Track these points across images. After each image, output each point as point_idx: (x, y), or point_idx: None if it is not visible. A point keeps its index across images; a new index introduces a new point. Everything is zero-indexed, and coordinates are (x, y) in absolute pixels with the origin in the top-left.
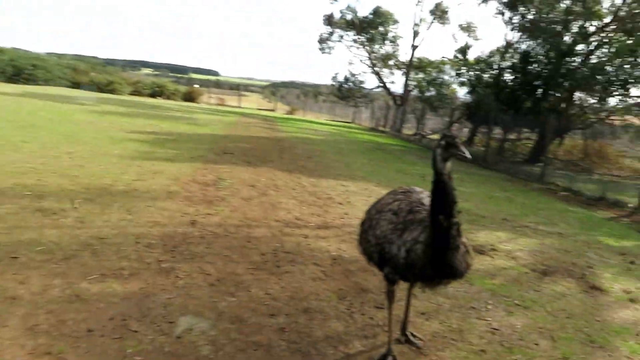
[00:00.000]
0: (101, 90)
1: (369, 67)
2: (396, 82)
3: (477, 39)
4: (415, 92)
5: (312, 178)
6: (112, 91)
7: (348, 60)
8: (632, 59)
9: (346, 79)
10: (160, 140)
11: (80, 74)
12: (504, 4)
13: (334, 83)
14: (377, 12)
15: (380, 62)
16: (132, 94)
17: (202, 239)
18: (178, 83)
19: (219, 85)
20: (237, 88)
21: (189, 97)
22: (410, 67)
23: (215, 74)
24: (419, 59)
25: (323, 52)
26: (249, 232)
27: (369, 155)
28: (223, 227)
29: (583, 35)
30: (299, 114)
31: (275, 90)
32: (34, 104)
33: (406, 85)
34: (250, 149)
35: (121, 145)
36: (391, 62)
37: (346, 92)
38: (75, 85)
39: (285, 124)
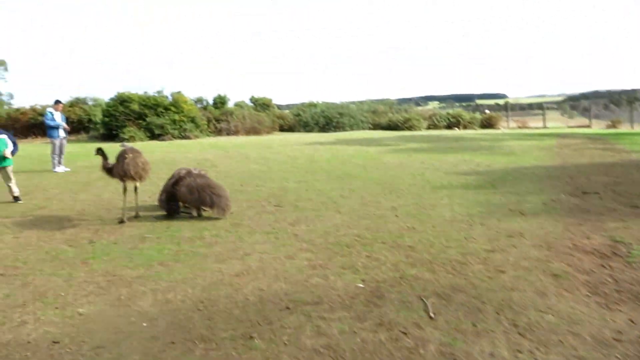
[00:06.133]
0: (399, 128)
1: None
2: None
3: None
4: None
5: None
6: (409, 128)
7: None
8: None
9: None
10: (487, 180)
11: (379, 116)
12: None
13: None
14: None
15: None
16: (429, 127)
17: None
18: (469, 111)
19: (509, 107)
20: (530, 107)
21: (487, 124)
22: None
23: (503, 96)
24: None
25: None
26: None
27: None
28: None
29: None
30: (623, 127)
31: (575, 104)
32: (344, 150)
33: None
34: (617, 184)
35: (444, 192)
36: None
37: None
38: (376, 127)
39: (622, 140)
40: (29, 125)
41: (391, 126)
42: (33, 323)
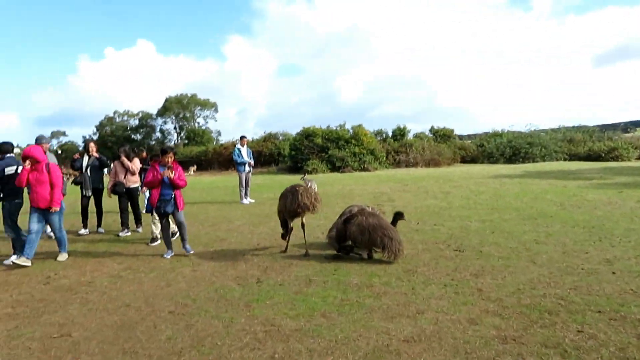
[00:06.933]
0: (602, 159)
1: None
2: None
3: None
4: None
5: None
6: (616, 158)
7: None
8: None
9: None
10: None
11: (576, 145)
12: None
13: None
14: None
15: None
16: None
17: None
18: None
19: None
20: None
21: None
22: None
23: None
24: None
25: None
26: None
27: None
28: None
29: None
30: None
31: None
32: (536, 184)
33: None
34: None
35: None
36: None
37: None
38: (573, 157)
39: None
40: (230, 159)
41: (592, 156)
42: None
